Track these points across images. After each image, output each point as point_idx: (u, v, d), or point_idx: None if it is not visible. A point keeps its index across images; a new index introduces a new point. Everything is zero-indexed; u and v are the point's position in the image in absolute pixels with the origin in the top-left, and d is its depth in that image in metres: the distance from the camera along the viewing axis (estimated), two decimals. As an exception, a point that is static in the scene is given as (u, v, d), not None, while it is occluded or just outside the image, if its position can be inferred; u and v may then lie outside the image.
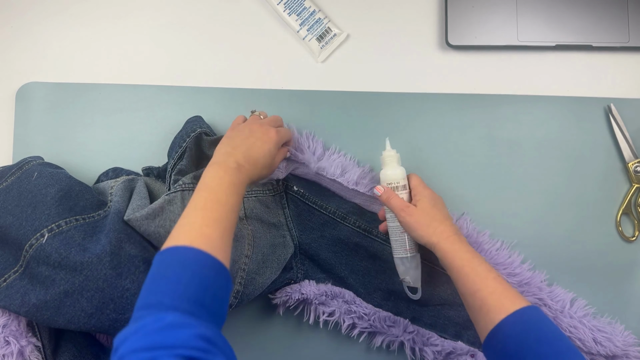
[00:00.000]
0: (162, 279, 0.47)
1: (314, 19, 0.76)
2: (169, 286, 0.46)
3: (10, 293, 0.61)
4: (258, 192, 0.72)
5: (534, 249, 0.73)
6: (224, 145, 0.63)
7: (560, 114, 0.75)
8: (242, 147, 0.62)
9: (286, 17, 0.77)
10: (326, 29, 0.77)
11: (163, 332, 0.42)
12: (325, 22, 0.77)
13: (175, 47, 0.79)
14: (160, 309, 0.44)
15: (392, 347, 0.71)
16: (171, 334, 0.41)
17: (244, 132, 0.64)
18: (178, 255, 0.49)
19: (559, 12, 0.75)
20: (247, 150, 0.61)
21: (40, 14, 0.80)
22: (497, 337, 0.53)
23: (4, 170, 0.67)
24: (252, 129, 0.64)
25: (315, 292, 0.70)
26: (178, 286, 0.46)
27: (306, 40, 0.77)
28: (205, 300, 0.46)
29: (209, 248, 0.49)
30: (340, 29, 0.77)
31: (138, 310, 0.45)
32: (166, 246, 0.49)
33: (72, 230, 0.62)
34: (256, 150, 0.62)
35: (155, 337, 0.41)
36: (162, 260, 0.48)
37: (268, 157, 0.63)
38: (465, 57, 0.77)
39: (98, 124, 0.77)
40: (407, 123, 0.75)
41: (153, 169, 0.73)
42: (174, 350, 0.40)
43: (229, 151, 0.61)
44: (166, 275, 0.47)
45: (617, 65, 0.76)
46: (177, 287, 0.46)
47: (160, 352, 0.40)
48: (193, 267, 0.48)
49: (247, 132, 0.64)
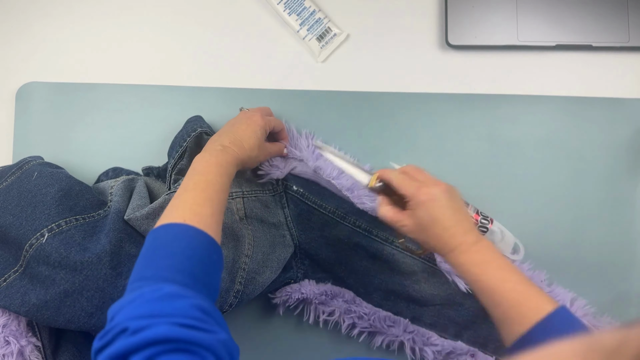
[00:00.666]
0: (157, 254, 0.48)
1: (314, 18, 0.76)
2: (164, 260, 0.47)
3: (11, 293, 0.61)
4: (258, 192, 0.72)
5: (534, 249, 0.73)
6: (212, 137, 0.64)
7: (560, 114, 0.75)
8: (227, 132, 0.63)
9: (286, 17, 0.77)
10: (326, 28, 0.77)
11: (161, 301, 0.43)
12: (325, 22, 0.77)
13: (175, 47, 0.79)
14: (157, 280, 0.45)
15: (392, 347, 0.71)
16: (169, 303, 0.42)
17: (229, 122, 0.66)
18: (172, 231, 0.50)
19: (559, 12, 0.75)
20: (231, 134, 0.63)
21: (40, 13, 0.80)
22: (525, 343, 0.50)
23: (4, 170, 0.67)
24: (238, 117, 0.67)
25: (315, 291, 0.70)
26: (173, 260, 0.47)
27: (306, 40, 0.77)
28: (200, 274, 0.47)
29: (201, 225, 0.50)
30: (340, 29, 0.77)
31: (133, 283, 0.46)
32: (159, 224, 0.50)
33: (72, 230, 0.62)
34: (240, 133, 0.63)
35: (153, 305, 0.42)
36: (156, 236, 0.50)
37: (253, 137, 0.63)
38: (465, 57, 0.77)
39: (98, 124, 0.77)
40: (407, 123, 0.75)
41: (153, 168, 0.73)
42: (172, 319, 0.41)
43: (215, 138, 0.63)
44: (161, 250, 0.48)
45: (617, 65, 0.76)
46: (173, 261, 0.47)
47: (159, 320, 0.41)
48: (187, 242, 0.49)
49: (232, 121, 0.66)
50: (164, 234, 0.50)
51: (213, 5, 0.79)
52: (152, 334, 0.39)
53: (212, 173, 0.57)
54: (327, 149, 0.69)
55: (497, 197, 0.74)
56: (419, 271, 0.71)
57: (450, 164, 0.74)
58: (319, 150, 0.70)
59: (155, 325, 0.40)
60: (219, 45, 0.78)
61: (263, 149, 0.66)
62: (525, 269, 0.71)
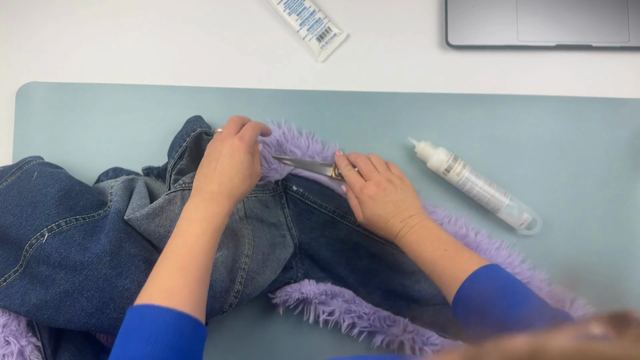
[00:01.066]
0: (130, 337, 0.48)
1: (314, 18, 0.76)
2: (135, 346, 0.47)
3: (11, 293, 0.61)
4: (258, 192, 0.72)
5: (534, 249, 0.73)
6: (198, 176, 0.61)
7: (560, 114, 0.75)
8: (212, 173, 0.60)
9: (286, 17, 0.77)
10: (326, 28, 0.77)
11: None
12: (325, 22, 0.77)
13: (175, 47, 0.79)
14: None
15: (392, 347, 0.71)
16: None
17: (210, 155, 0.62)
18: (140, 313, 0.49)
19: (559, 12, 0.75)
20: (217, 174, 0.59)
21: (40, 14, 0.80)
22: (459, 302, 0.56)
23: (4, 170, 0.67)
24: (216, 148, 0.62)
25: (315, 291, 0.70)
26: (143, 346, 0.46)
27: (306, 40, 0.77)
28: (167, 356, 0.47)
29: (169, 301, 0.49)
30: (340, 29, 0.77)
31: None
32: (135, 302, 0.50)
33: (72, 230, 0.62)
34: (226, 169, 0.60)
35: None
36: (129, 319, 0.49)
37: (241, 169, 0.60)
38: (465, 57, 0.77)
39: (98, 124, 0.77)
40: (407, 123, 0.75)
41: (153, 168, 0.73)
42: None
43: (202, 182, 0.60)
44: (133, 333, 0.48)
45: (617, 65, 0.76)
46: (143, 348, 0.46)
47: None
48: (152, 326, 0.48)
49: (213, 154, 0.62)
50: (135, 316, 0.49)
51: (213, 6, 0.79)
52: None
53: (193, 233, 0.54)
54: (288, 158, 0.72)
55: (497, 197, 0.74)
56: (419, 271, 0.71)
57: (450, 164, 0.74)
58: (283, 162, 0.72)
59: None
60: (219, 45, 0.78)
61: (254, 173, 0.63)
62: (525, 268, 0.71)
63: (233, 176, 0.60)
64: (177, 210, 0.65)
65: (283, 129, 0.74)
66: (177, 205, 0.65)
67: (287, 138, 0.73)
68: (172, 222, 0.65)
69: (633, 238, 0.73)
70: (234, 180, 0.60)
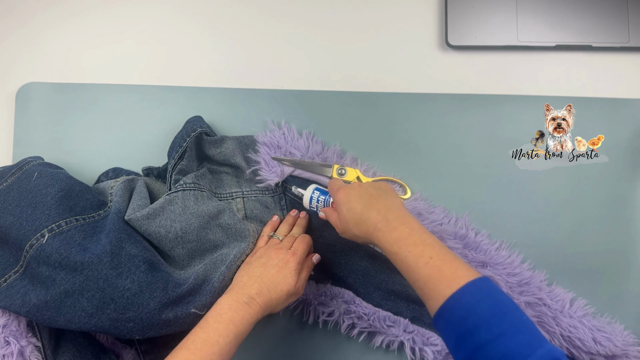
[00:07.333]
0: None
1: (314, 19, 0.76)
2: None
3: (11, 293, 0.61)
4: (257, 193, 0.72)
5: (534, 249, 0.73)
6: (241, 273, 0.63)
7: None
8: (257, 277, 0.61)
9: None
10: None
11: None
12: (325, 22, 0.77)
13: (175, 47, 0.79)
14: None
15: (392, 347, 0.71)
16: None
17: (262, 258, 0.64)
18: None
19: (559, 12, 0.75)
20: (260, 280, 0.61)
21: (40, 14, 0.80)
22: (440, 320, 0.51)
23: (4, 171, 0.67)
24: (269, 254, 0.64)
25: (315, 292, 0.70)
26: None
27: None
28: None
29: None
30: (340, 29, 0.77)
31: None
32: None
33: (72, 230, 0.62)
34: (269, 279, 0.61)
35: None
36: None
37: (284, 287, 0.61)
38: (465, 57, 0.77)
39: (98, 124, 0.77)
40: (407, 123, 0.75)
41: (153, 169, 0.73)
42: None
43: (244, 281, 0.61)
44: None
45: (617, 65, 0.76)
46: None
47: None
48: None
49: (265, 258, 0.63)
50: None
51: (213, 6, 0.79)
52: None
53: (217, 333, 0.55)
54: (288, 160, 0.72)
55: (497, 197, 0.74)
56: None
57: (450, 163, 0.74)
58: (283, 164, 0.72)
59: None
60: (220, 46, 0.78)
61: (295, 293, 0.63)
62: (525, 268, 0.71)
63: (272, 289, 0.60)
64: (177, 210, 0.65)
65: (283, 130, 0.74)
66: (177, 206, 0.65)
67: (287, 139, 0.73)
68: (172, 222, 0.65)
69: (633, 238, 0.73)
70: (272, 293, 0.60)
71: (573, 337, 0.68)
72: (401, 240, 0.55)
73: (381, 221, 0.58)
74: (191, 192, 0.66)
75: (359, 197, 0.61)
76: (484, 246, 0.71)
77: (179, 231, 0.65)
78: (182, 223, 0.65)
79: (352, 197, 0.61)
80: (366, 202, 0.60)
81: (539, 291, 0.70)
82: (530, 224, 0.73)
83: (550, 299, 0.70)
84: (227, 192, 0.73)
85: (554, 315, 0.69)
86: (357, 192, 0.62)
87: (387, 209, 0.59)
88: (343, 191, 0.63)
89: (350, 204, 0.61)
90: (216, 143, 0.72)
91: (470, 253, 0.70)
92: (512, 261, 0.71)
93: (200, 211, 0.66)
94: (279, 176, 0.71)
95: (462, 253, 0.70)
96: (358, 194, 0.61)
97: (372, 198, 0.61)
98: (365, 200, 0.60)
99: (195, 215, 0.65)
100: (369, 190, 0.62)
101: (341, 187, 0.64)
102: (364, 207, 0.60)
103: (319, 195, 0.69)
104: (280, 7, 0.79)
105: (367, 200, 0.61)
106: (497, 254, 0.71)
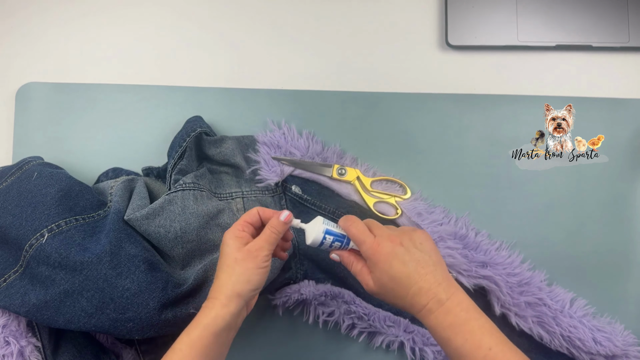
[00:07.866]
0: None
1: (314, 19, 0.76)
2: None
3: (11, 293, 0.61)
4: (257, 193, 0.72)
5: (534, 249, 0.73)
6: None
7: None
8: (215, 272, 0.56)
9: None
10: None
11: None
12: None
13: (175, 47, 0.79)
14: None
15: (392, 347, 0.71)
16: None
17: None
18: None
19: (559, 12, 0.75)
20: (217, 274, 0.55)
21: (41, 13, 0.80)
22: None
23: (4, 171, 0.67)
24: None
25: (315, 292, 0.70)
26: None
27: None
28: None
29: None
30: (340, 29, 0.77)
31: None
32: None
33: (72, 230, 0.62)
34: (217, 272, 0.55)
35: None
36: None
37: (225, 261, 0.54)
38: (465, 57, 0.77)
39: (98, 124, 0.77)
40: (407, 123, 0.75)
41: (153, 169, 0.73)
42: None
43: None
44: None
45: (617, 65, 0.76)
46: None
47: None
48: None
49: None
50: None
51: (212, 6, 0.79)
52: None
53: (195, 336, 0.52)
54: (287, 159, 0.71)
55: (497, 197, 0.74)
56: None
57: (450, 163, 0.74)
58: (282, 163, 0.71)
59: None
60: (219, 46, 0.78)
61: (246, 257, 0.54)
62: (525, 268, 0.71)
63: (219, 274, 0.54)
64: (177, 210, 0.65)
65: (283, 129, 0.74)
66: (177, 206, 0.65)
67: (287, 139, 0.73)
68: (172, 222, 0.65)
69: (633, 238, 0.73)
70: (219, 277, 0.54)
71: (573, 337, 0.68)
72: (457, 326, 0.49)
73: (432, 300, 0.51)
74: (191, 192, 0.66)
75: (403, 264, 0.52)
76: (484, 246, 0.71)
77: (178, 231, 0.65)
78: (182, 223, 0.65)
79: (395, 262, 0.52)
80: (412, 272, 0.52)
81: (539, 291, 0.70)
82: (530, 224, 0.73)
83: (550, 299, 0.70)
84: (226, 192, 0.72)
85: (554, 315, 0.69)
86: (400, 256, 0.52)
87: (437, 283, 0.51)
88: (381, 249, 0.53)
89: (393, 270, 0.52)
90: (216, 143, 0.72)
91: (470, 253, 0.70)
92: (512, 261, 0.71)
93: (200, 211, 0.66)
94: (279, 176, 0.71)
95: (462, 253, 0.70)
96: (402, 261, 0.52)
97: (419, 266, 0.52)
98: (411, 269, 0.52)
99: (194, 215, 0.65)
100: (415, 255, 0.52)
101: (377, 243, 0.53)
102: (409, 278, 0.51)
103: (333, 240, 0.57)
104: (280, 7, 0.79)
105: (413, 269, 0.52)
106: (497, 254, 0.71)
